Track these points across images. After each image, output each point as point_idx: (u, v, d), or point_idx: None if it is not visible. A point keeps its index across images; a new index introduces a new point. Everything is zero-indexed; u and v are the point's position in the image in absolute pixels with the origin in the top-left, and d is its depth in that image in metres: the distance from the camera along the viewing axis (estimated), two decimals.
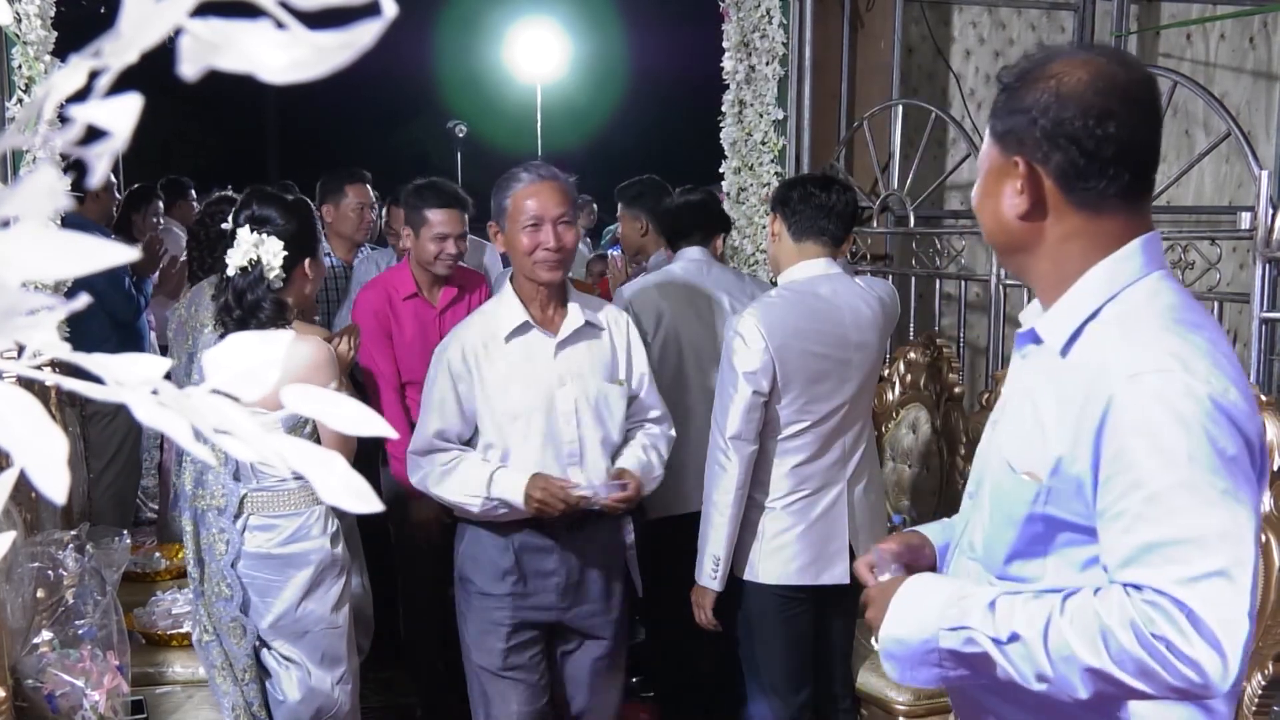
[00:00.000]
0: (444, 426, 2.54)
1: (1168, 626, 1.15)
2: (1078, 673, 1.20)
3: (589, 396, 2.56)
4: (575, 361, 2.56)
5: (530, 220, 2.49)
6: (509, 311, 2.55)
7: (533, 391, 2.52)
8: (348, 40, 0.44)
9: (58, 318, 0.43)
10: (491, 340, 2.53)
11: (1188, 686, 1.16)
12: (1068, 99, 1.28)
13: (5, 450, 0.42)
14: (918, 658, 1.33)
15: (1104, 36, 4.63)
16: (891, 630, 1.36)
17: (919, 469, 3.59)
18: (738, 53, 4.24)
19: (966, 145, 3.97)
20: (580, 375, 2.56)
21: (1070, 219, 1.32)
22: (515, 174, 2.55)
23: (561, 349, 2.55)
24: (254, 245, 2.43)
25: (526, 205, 2.50)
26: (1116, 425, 1.22)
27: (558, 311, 2.58)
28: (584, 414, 2.55)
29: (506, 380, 2.52)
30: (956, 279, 4.13)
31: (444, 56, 12.93)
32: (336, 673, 2.55)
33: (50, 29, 3.32)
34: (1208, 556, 1.16)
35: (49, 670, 2.33)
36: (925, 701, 2.85)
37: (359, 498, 0.47)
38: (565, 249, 2.51)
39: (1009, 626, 1.24)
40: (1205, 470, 1.18)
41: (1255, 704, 2.22)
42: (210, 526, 2.49)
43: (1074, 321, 1.33)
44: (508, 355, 2.53)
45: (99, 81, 0.44)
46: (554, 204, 2.49)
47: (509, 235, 2.53)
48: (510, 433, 2.52)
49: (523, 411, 2.51)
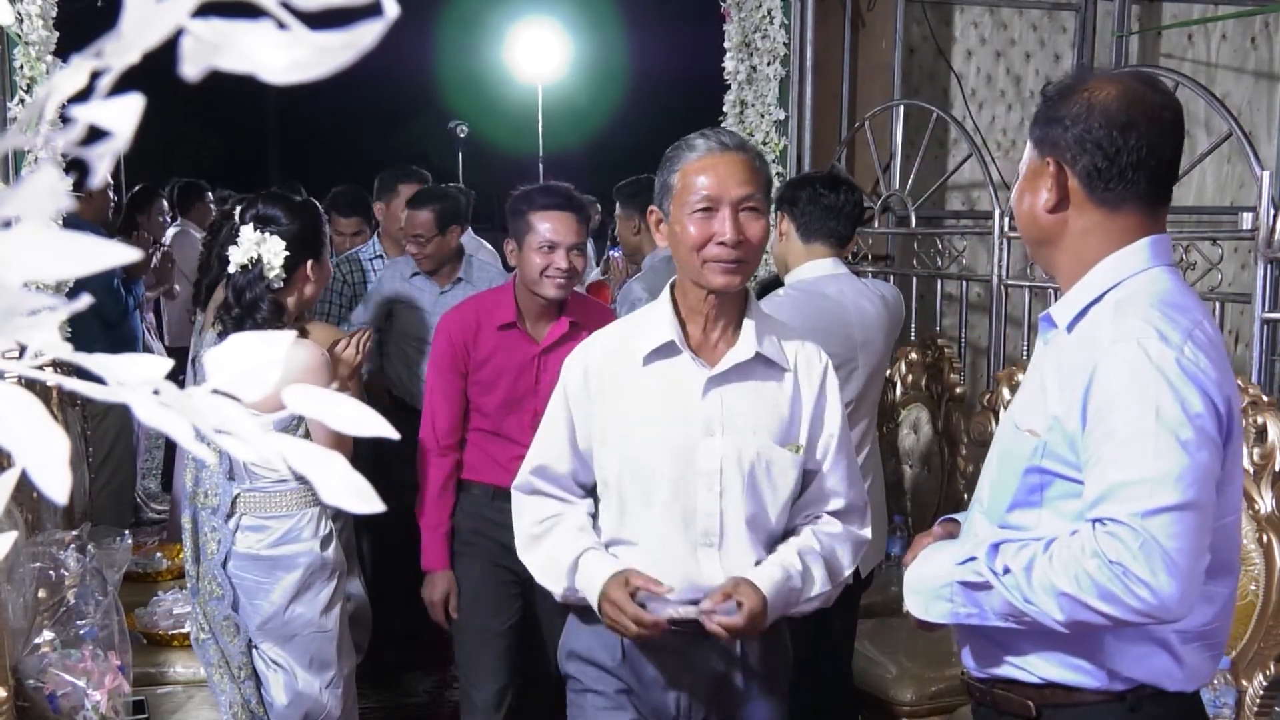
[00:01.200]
0: (546, 463, 1.99)
1: (1125, 553, 1.32)
2: (1054, 598, 1.38)
3: (744, 459, 1.87)
4: (733, 407, 1.88)
5: (702, 202, 1.83)
6: (656, 325, 1.90)
7: (667, 437, 1.87)
8: (349, 40, 0.44)
9: (59, 318, 0.43)
10: (626, 359, 1.91)
11: (1145, 608, 1.33)
12: (1097, 111, 1.47)
13: (6, 450, 0.42)
14: (934, 591, 1.54)
15: (1105, 37, 4.63)
16: (916, 570, 1.60)
17: (920, 469, 3.59)
18: (739, 53, 4.24)
19: (968, 145, 3.96)
20: (738, 427, 1.87)
21: (1090, 214, 1.49)
22: (688, 142, 1.89)
23: (715, 386, 1.87)
24: (256, 243, 2.44)
25: (698, 183, 1.83)
26: (1099, 384, 1.40)
27: (725, 334, 1.90)
28: (732, 481, 1.87)
29: (634, 416, 1.90)
30: (958, 279, 4.13)
31: (444, 56, 12.92)
32: (325, 676, 2.52)
33: (52, 29, 3.32)
34: (1165, 493, 1.33)
35: (50, 670, 2.33)
36: (926, 702, 2.85)
37: (360, 498, 0.47)
38: (748, 243, 1.84)
39: (1003, 562, 1.44)
40: (1170, 422, 1.35)
41: (1257, 705, 2.22)
42: (204, 526, 2.49)
43: (1080, 304, 1.50)
44: (643, 383, 1.89)
45: (100, 82, 0.44)
46: (735, 183, 1.84)
47: (673, 222, 1.88)
48: (629, 489, 1.90)
49: (649, 463, 1.88)
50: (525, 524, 2.01)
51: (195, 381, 3.11)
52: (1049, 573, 1.38)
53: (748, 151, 1.88)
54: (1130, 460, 1.35)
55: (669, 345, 1.87)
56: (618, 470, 1.91)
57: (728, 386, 1.87)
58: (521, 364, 2.71)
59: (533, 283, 2.66)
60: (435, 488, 2.79)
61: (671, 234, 1.88)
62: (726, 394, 1.87)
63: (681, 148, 1.88)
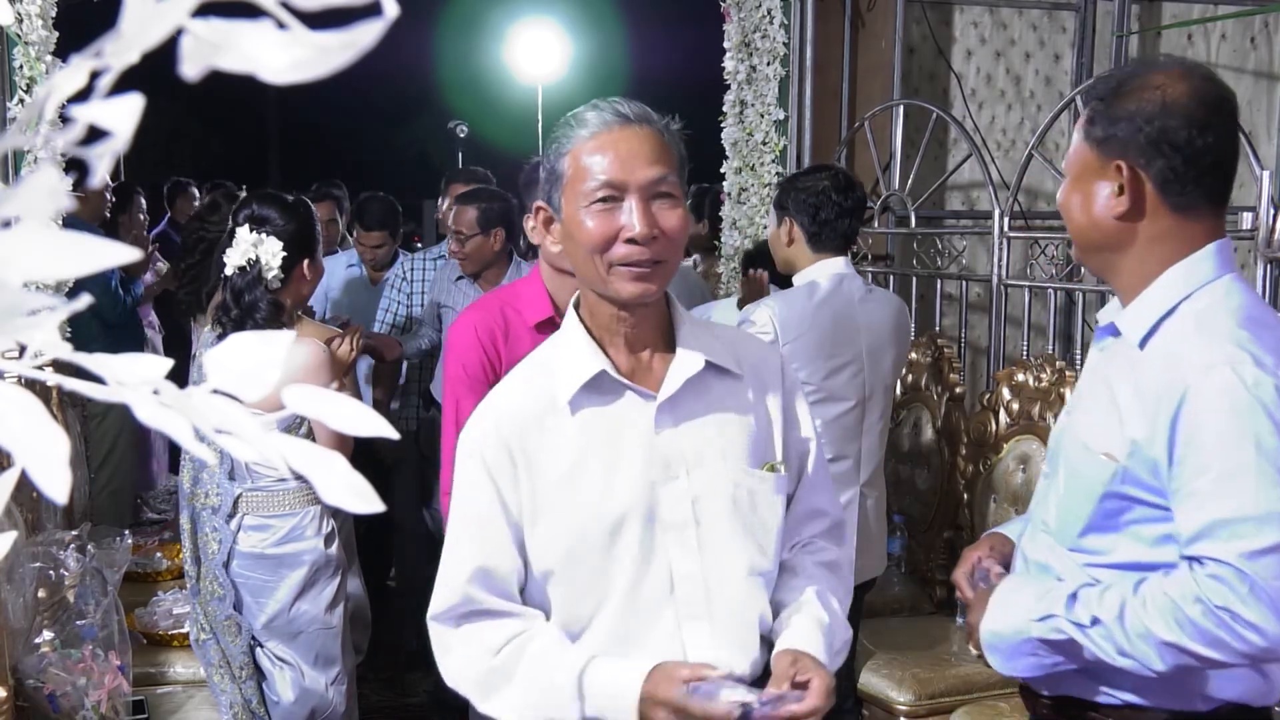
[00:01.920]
0: (484, 564, 1.47)
1: (1232, 597, 1.27)
2: (1154, 647, 1.33)
3: (719, 495, 1.48)
4: (696, 435, 1.49)
5: (601, 190, 1.43)
6: (573, 357, 1.49)
7: (619, 492, 1.45)
8: (349, 40, 0.44)
9: (59, 318, 0.43)
10: (544, 409, 1.48)
11: (1253, 651, 1.28)
12: (1173, 109, 1.39)
13: (6, 450, 0.42)
14: (1014, 648, 1.48)
15: (1105, 37, 4.63)
16: (990, 626, 1.51)
17: (920, 469, 3.59)
18: (739, 53, 4.24)
19: (968, 145, 3.97)
20: (705, 459, 1.48)
21: (1163, 220, 1.42)
22: (578, 116, 1.48)
23: (668, 415, 1.48)
24: (252, 245, 2.44)
25: (593, 167, 1.43)
26: (1191, 412, 1.33)
27: (657, 350, 1.51)
28: (711, 527, 1.48)
29: (572, 477, 1.46)
30: (957, 279, 4.13)
31: (444, 56, 12.93)
32: (331, 673, 2.55)
33: (51, 29, 3.32)
34: (1270, 532, 1.28)
35: (50, 670, 2.32)
36: (926, 702, 2.85)
37: (360, 497, 0.47)
38: (664, 238, 1.43)
39: (1089, 613, 1.38)
40: (1272, 455, 1.29)
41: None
42: (204, 526, 2.50)
43: (1152, 317, 1.43)
44: (572, 433, 1.47)
45: (100, 81, 0.44)
46: (642, 163, 1.43)
47: (566, 220, 1.48)
48: (580, 573, 1.47)
49: (601, 531, 1.45)
50: (477, 662, 1.47)
51: (196, 381, 3.12)
52: (1145, 619, 1.33)
53: (653, 124, 1.47)
54: (1230, 496, 1.30)
55: (599, 378, 1.45)
56: (562, 551, 1.46)
57: (682, 411, 1.48)
58: None
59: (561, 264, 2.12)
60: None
61: (565, 235, 1.47)
62: (683, 421, 1.48)
63: (570, 124, 1.47)
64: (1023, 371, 3.22)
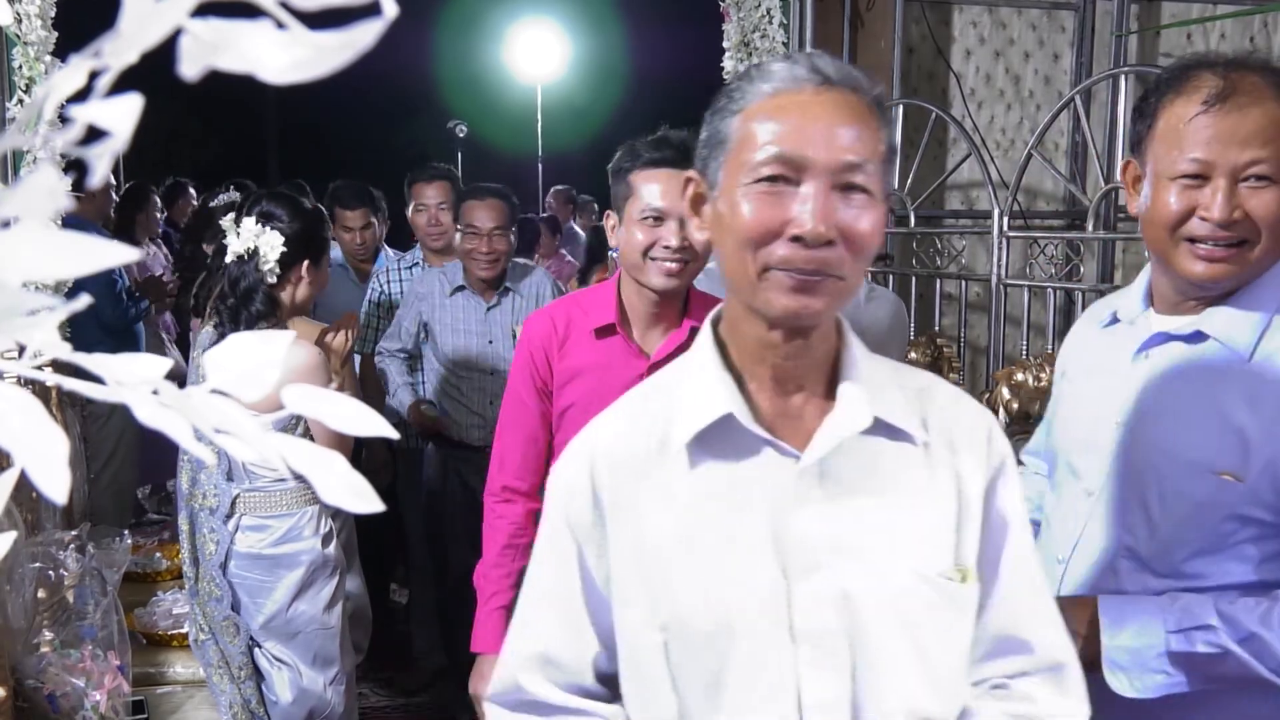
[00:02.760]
0: (550, 651, 1.19)
1: None
2: None
3: (876, 602, 1.08)
4: (849, 517, 1.09)
5: (770, 165, 1.05)
6: (700, 389, 1.13)
7: (738, 578, 1.09)
8: (348, 40, 0.44)
9: (59, 318, 0.43)
10: (653, 450, 1.13)
11: None
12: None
13: (5, 450, 0.42)
14: (1146, 664, 1.37)
15: (1104, 36, 4.63)
16: (1118, 641, 1.38)
17: None
18: (738, 53, 4.24)
19: (967, 145, 3.97)
20: (860, 551, 1.09)
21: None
22: (762, 69, 1.11)
23: (813, 483, 1.09)
24: (255, 235, 2.47)
25: (764, 131, 1.06)
26: None
27: (811, 393, 1.13)
28: (863, 645, 1.08)
29: (677, 548, 1.10)
30: (957, 279, 4.13)
31: (444, 56, 12.94)
32: (329, 673, 2.55)
33: (50, 29, 3.32)
34: None
35: (50, 670, 2.32)
36: None
37: (360, 497, 0.47)
38: (852, 242, 1.05)
39: (1245, 627, 1.32)
40: None
41: None
42: (202, 527, 2.50)
43: (1258, 321, 1.36)
44: (683, 489, 1.11)
45: (99, 81, 0.44)
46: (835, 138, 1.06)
47: (721, 198, 1.11)
48: (679, 674, 1.11)
49: (709, 626, 1.09)
50: None
51: (194, 381, 3.12)
52: None
53: (862, 91, 1.08)
54: None
55: (725, 423, 1.09)
56: (653, 646, 1.11)
57: (837, 480, 1.09)
58: (622, 384, 1.62)
59: (635, 268, 2.01)
60: (496, 546, 2.09)
61: (715, 220, 1.11)
62: (839, 496, 1.09)
63: (749, 75, 1.10)
64: (1022, 371, 3.22)
